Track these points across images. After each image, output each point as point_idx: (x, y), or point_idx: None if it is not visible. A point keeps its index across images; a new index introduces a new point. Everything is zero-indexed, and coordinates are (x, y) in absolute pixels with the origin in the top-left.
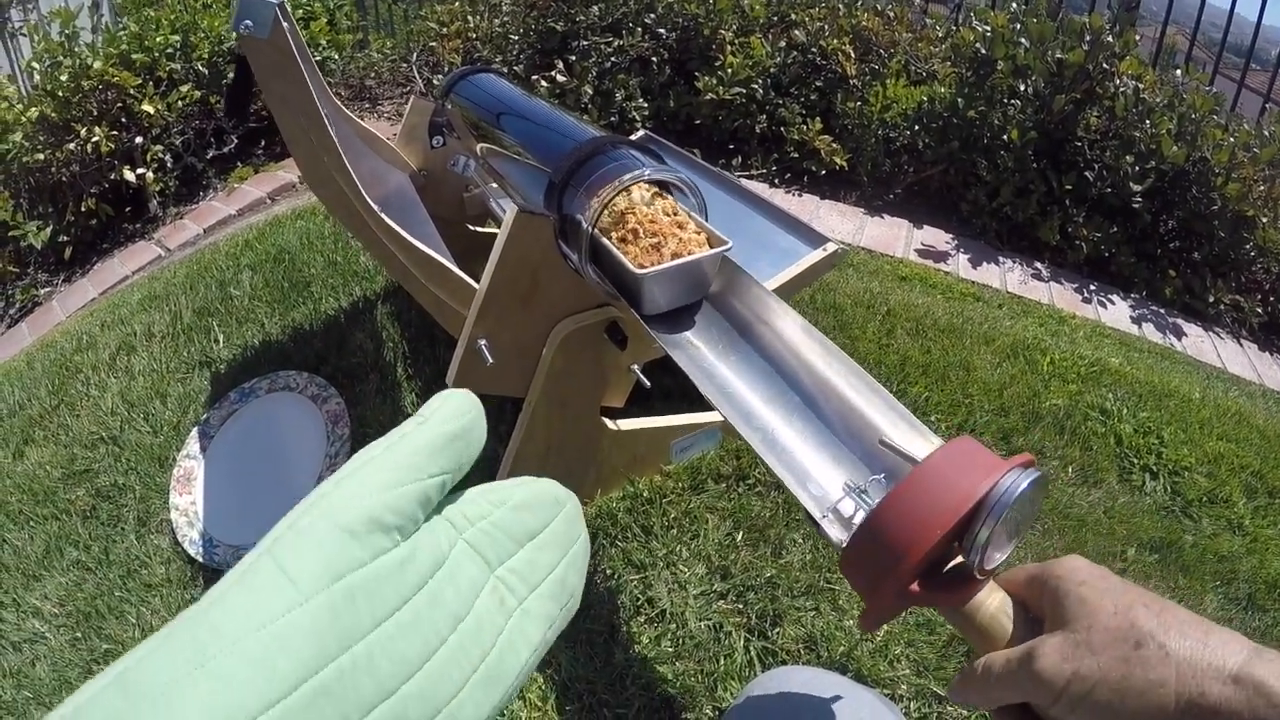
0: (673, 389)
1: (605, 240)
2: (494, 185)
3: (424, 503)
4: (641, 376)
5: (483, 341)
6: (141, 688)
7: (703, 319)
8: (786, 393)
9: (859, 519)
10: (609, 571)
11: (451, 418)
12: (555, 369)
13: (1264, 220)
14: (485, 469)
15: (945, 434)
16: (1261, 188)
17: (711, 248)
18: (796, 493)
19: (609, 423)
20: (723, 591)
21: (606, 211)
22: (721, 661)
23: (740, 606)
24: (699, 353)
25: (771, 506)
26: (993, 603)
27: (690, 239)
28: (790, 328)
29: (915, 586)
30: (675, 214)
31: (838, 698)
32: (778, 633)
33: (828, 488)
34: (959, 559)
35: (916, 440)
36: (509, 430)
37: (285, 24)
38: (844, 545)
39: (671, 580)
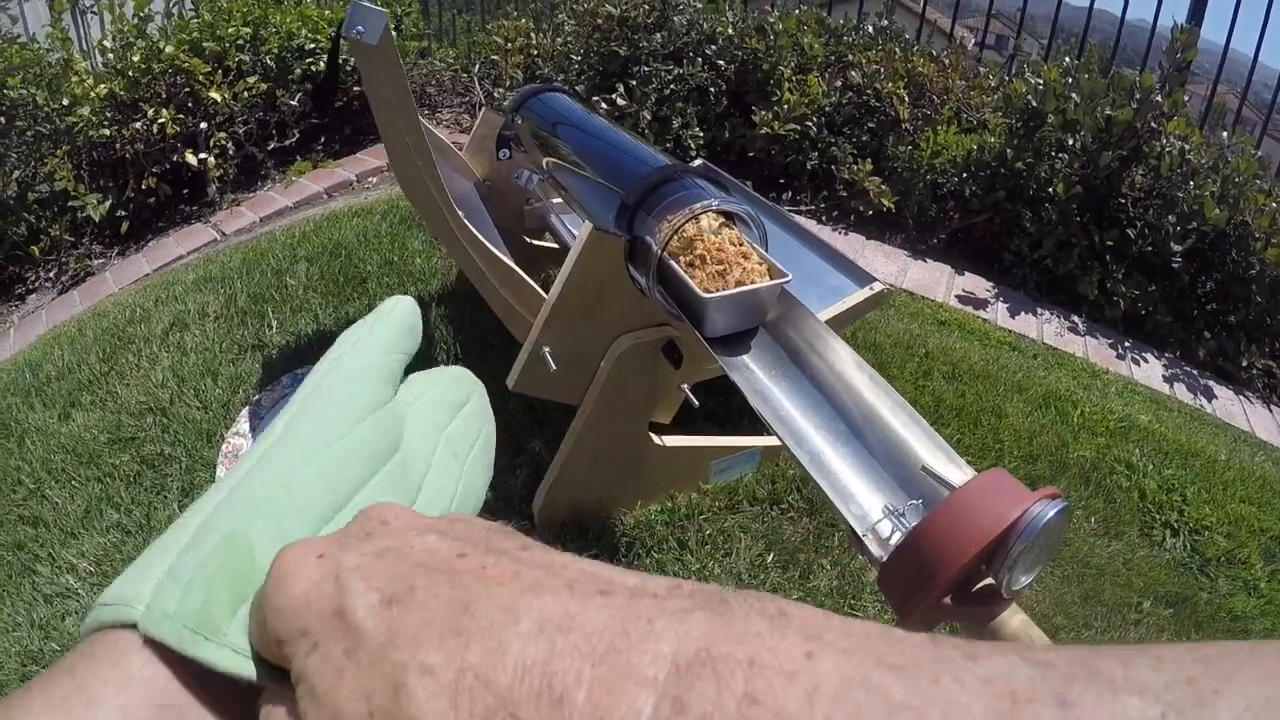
0: (715, 411)
1: (673, 263)
2: (556, 200)
3: (399, 371)
4: (690, 395)
5: (547, 348)
6: (247, 502)
7: (758, 344)
8: (834, 419)
9: (895, 540)
10: None
11: (407, 314)
12: (611, 381)
13: None
14: (532, 470)
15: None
16: None
17: (772, 278)
18: (841, 511)
19: (655, 438)
20: None
21: (676, 236)
22: None
23: None
24: (754, 375)
25: (803, 532)
26: (1015, 622)
27: (753, 269)
28: (842, 359)
29: (947, 601)
30: (740, 244)
31: None
32: None
33: (868, 509)
34: (986, 580)
35: (953, 470)
36: (552, 435)
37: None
38: (883, 561)
39: None
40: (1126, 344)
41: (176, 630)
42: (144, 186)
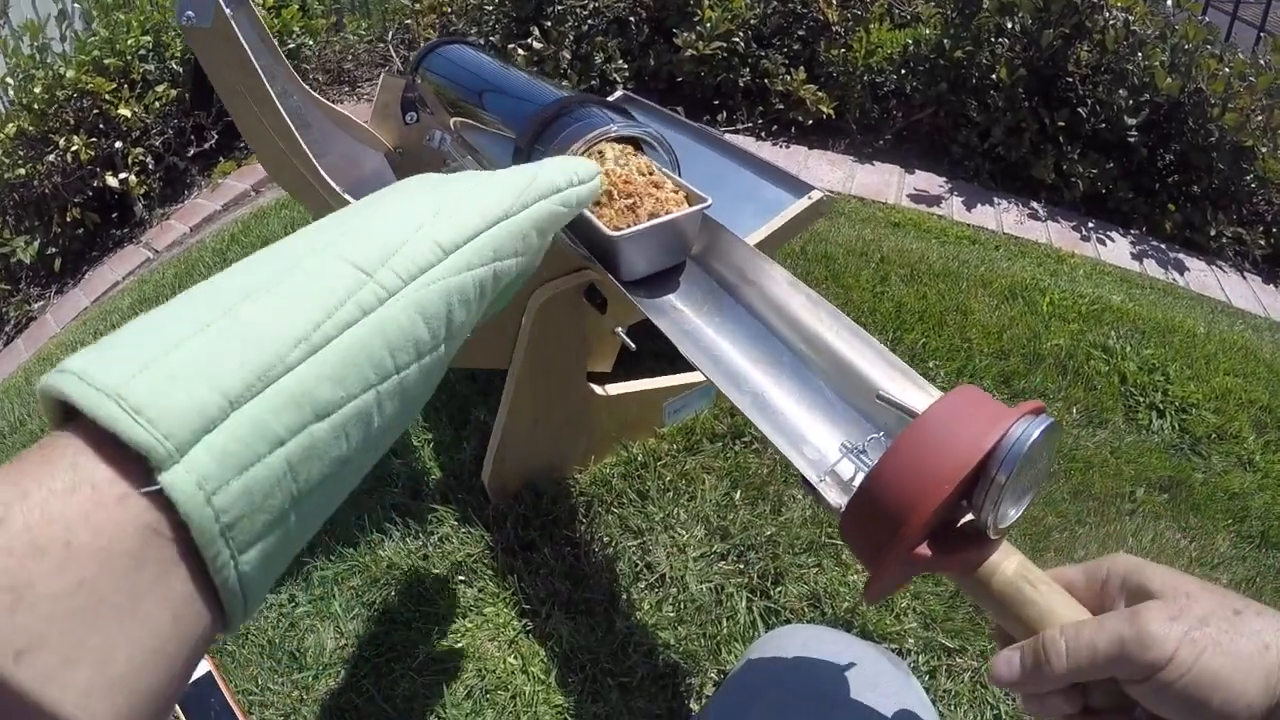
0: (662, 350)
1: None
2: (470, 159)
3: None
4: (626, 339)
5: None
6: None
7: (686, 281)
8: (778, 352)
9: (859, 481)
10: (606, 539)
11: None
12: (535, 337)
13: (1263, 150)
14: (479, 440)
15: (945, 380)
16: (1259, 117)
17: (691, 206)
18: (791, 457)
19: (597, 389)
20: (723, 552)
21: None
22: (724, 624)
23: (741, 567)
24: (683, 316)
25: (769, 463)
26: (1009, 566)
27: (667, 198)
28: (776, 283)
29: (924, 549)
30: (650, 173)
31: (842, 654)
32: (780, 591)
33: (824, 450)
34: (968, 517)
35: (915, 393)
36: (497, 402)
37: (229, 10)
38: (842, 510)
39: (670, 544)
40: (1090, 225)
41: None
42: (70, 219)
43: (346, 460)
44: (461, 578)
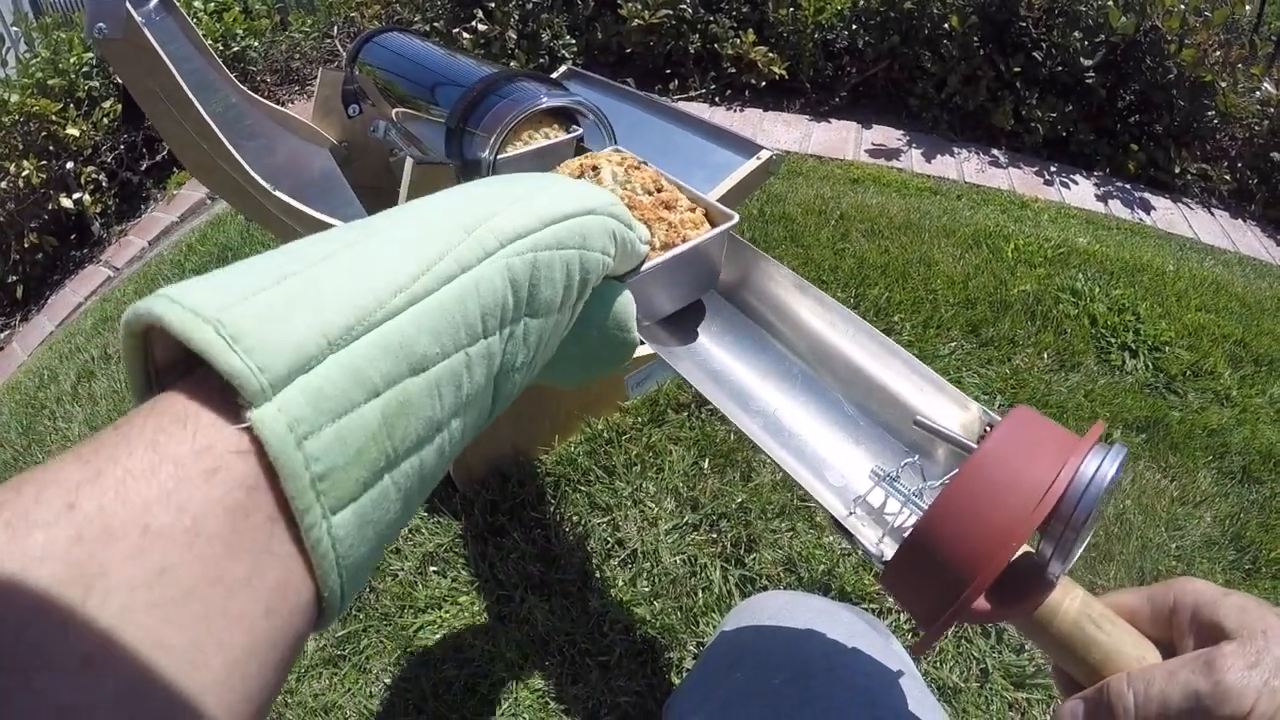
0: None
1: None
2: (414, 149)
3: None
4: None
5: None
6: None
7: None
8: (786, 363)
9: (895, 513)
10: (575, 518)
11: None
12: None
13: (1223, 85)
14: None
15: (911, 333)
16: (1217, 53)
17: (714, 225)
18: (814, 490)
19: None
20: (694, 523)
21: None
22: (699, 595)
23: (714, 536)
24: (675, 329)
25: (736, 429)
26: (1072, 606)
27: (683, 220)
28: (779, 285)
29: (982, 603)
30: (659, 189)
31: (817, 619)
32: (754, 558)
33: (850, 476)
34: (1024, 560)
35: (950, 409)
36: None
37: (157, 18)
38: (884, 558)
39: (640, 518)
40: (1052, 169)
41: None
42: (27, 244)
43: (439, 426)
44: (434, 568)
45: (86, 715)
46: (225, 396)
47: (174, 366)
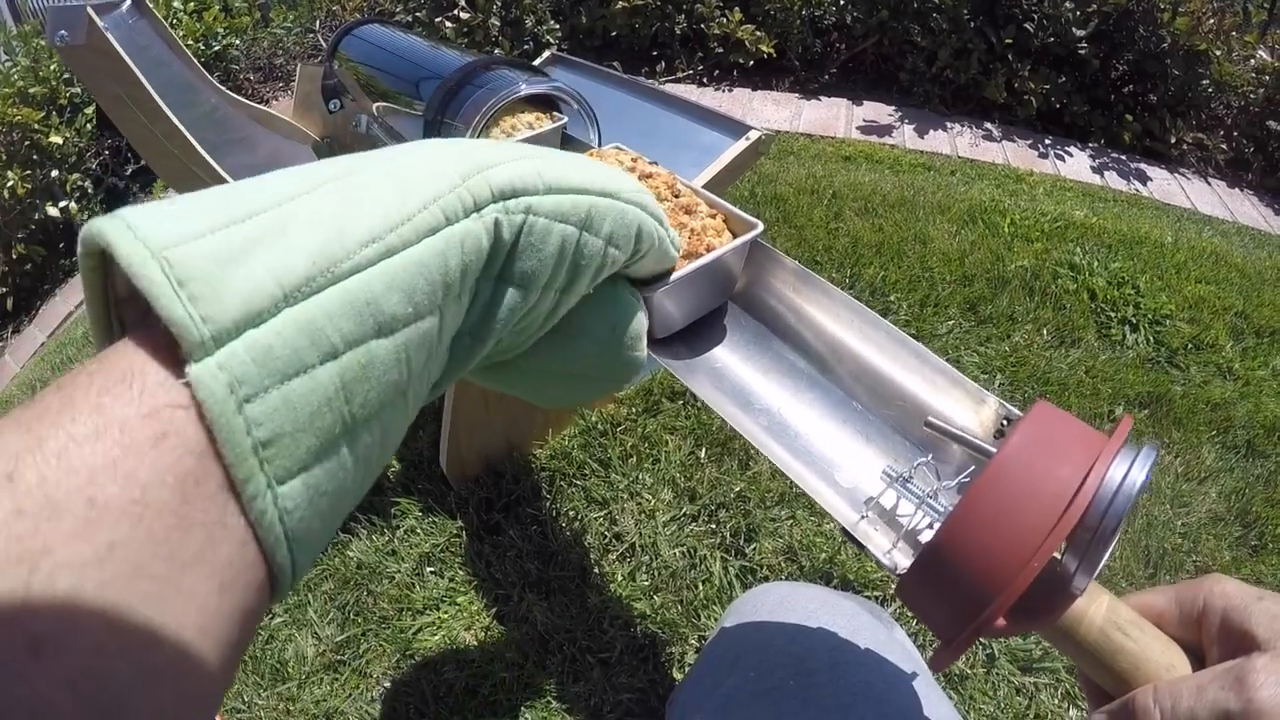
0: None
1: None
2: (395, 143)
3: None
4: None
5: None
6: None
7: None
8: (789, 358)
9: (909, 515)
10: (571, 513)
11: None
12: None
13: (1217, 54)
14: (436, 427)
15: (908, 312)
16: (1211, 21)
17: (735, 235)
18: (820, 497)
19: None
20: (692, 514)
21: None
22: (700, 587)
23: (713, 527)
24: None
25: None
26: (1099, 613)
27: (704, 226)
28: (780, 275)
29: (1001, 620)
30: (676, 194)
31: (819, 611)
32: (754, 549)
33: (859, 478)
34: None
35: (967, 404)
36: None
37: (104, 23)
38: (896, 568)
39: (637, 511)
40: (1047, 141)
41: None
42: (15, 255)
43: (404, 392)
44: (431, 569)
45: (41, 706)
46: (176, 348)
47: (135, 298)
